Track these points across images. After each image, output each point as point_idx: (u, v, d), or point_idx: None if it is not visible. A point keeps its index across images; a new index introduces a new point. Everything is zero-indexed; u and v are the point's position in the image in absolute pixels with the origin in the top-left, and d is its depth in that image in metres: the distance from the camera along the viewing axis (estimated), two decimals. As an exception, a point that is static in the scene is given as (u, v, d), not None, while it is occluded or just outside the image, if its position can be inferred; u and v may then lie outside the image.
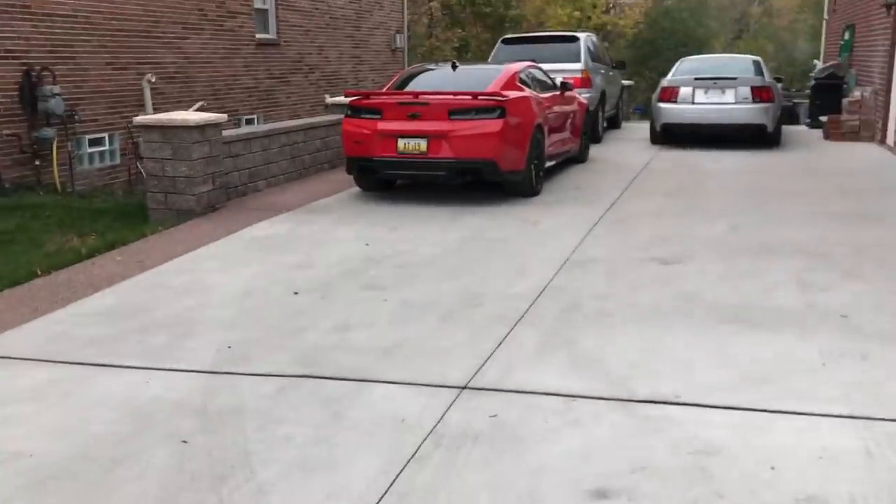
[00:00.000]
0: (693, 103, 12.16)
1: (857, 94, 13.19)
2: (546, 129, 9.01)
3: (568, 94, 10.34)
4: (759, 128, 11.98)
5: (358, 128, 8.25)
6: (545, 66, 12.03)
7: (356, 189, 9.04)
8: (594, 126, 12.58)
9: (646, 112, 34.38)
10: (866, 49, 13.96)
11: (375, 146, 8.10)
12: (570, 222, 7.21)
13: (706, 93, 12.11)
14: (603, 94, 13.68)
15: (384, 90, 8.82)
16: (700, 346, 4.22)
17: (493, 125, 7.85)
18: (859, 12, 15.15)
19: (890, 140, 12.29)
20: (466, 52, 32.05)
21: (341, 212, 7.94)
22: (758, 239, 6.41)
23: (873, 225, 6.83)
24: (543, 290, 5.24)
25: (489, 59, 13.64)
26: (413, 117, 7.98)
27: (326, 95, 16.57)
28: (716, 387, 3.69)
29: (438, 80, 8.93)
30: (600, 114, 13.54)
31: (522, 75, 9.00)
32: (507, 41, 13.70)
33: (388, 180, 8.77)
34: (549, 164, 9.41)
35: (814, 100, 15.27)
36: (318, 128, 10.47)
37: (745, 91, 11.92)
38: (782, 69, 33.59)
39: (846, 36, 15.91)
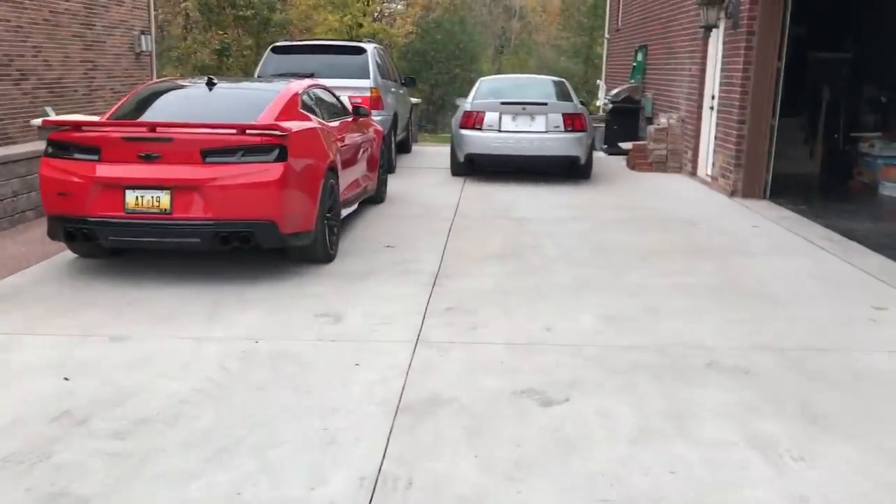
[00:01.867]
0: (500, 131, 10.51)
1: (662, 121, 12.30)
2: (340, 168, 6.81)
3: (362, 120, 8.21)
4: (573, 160, 10.58)
5: (64, 173, 5.54)
6: (326, 84, 9.84)
7: (70, 255, 6.29)
8: (388, 155, 10.57)
9: (422, 127, 33.26)
10: (667, 73, 13.20)
11: (91, 201, 5.45)
12: (387, 314, 5.06)
13: (514, 119, 10.51)
14: (395, 116, 11.70)
15: (104, 118, 6.15)
16: None
17: (269, 171, 5.51)
18: (653, 33, 14.47)
19: (702, 171, 11.44)
20: (228, 57, 28.90)
21: (37, 302, 5.20)
22: (652, 340, 4.66)
23: (782, 309, 5.35)
24: (374, 488, 3.05)
25: (256, 72, 11.16)
26: (149, 159, 5.43)
27: (47, 108, 13.14)
28: None
29: (189, 103, 6.41)
30: (393, 139, 11.55)
31: (305, 97, 6.73)
32: (277, 50, 11.29)
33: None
34: (345, 213, 7.22)
35: (610, 124, 14.37)
36: (17, 161, 7.48)
37: (557, 118, 10.47)
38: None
39: (639, 57, 15.24)
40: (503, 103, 10.55)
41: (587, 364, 4.28)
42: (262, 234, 5.58)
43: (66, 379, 4.01)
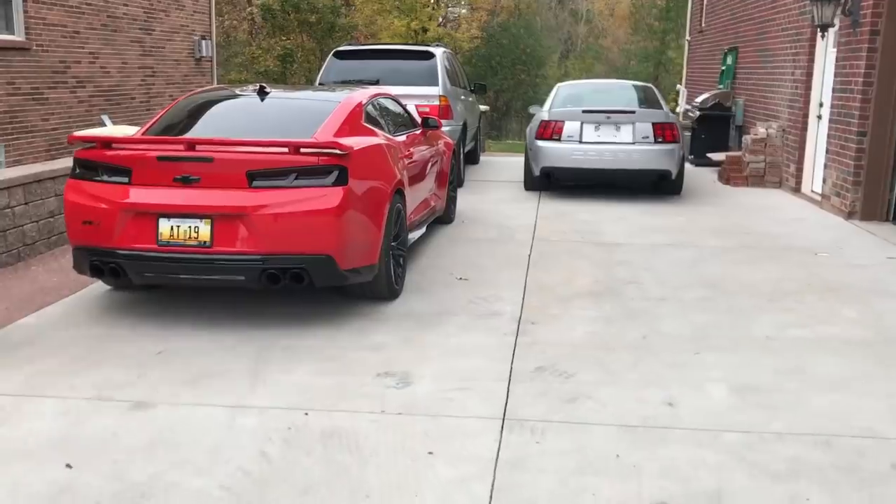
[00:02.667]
0: (581, 142, 9.49)
1: (760, 130, 11.10)
2: (407, 189, 5.93)
3: (431, 132, 7.32)
4: (663, 174, 9.51)
5: (90, 197, 4.77)
6: (392, 91, 9.01)
7: (103, 286, 5.55)
8: (458, 169, 9.67)
9: (486, 134, 32.37)
10: (763, 77, 11.98)
11: (120, 231, 4.67)
12: (464, 374, 4.14)
13: (597, 129, 9.49)
14: (464, 126, 10.80)
15: (139, 133, 5.38)
16: None
17: (327, 197, 4.65)
18: (745, 35, 13.25)
19: (807, 188, 10.22)
20: (292, 64, 28.48)
21: (51, 352, 4.43)
22: (809, 424, 3.61)
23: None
24: None
25: (317, 79, 10.39)
26: (186, 182, 4.63)
27: (103, 116, 12.66)
28: None
29: (236, 116, 5.58)
30: (462, 151, 10.65)
31: (370, 109, 5.87)
32: (340, 54, 10.49)
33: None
34: (413, 238, 6.34)
35: (697, 133, 13.19)
36: (54, 179, 6.81)
37: (646, 128, 9.41)
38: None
39: (728, 61, 14.02)
40: (585, 111, 9.54)
41: (732, 462, 3.26)
42: (318, 271, 4.71)
43: (68, 466, 3.19)
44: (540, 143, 9.64)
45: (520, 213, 8.68)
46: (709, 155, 12.46)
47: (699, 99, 13.53)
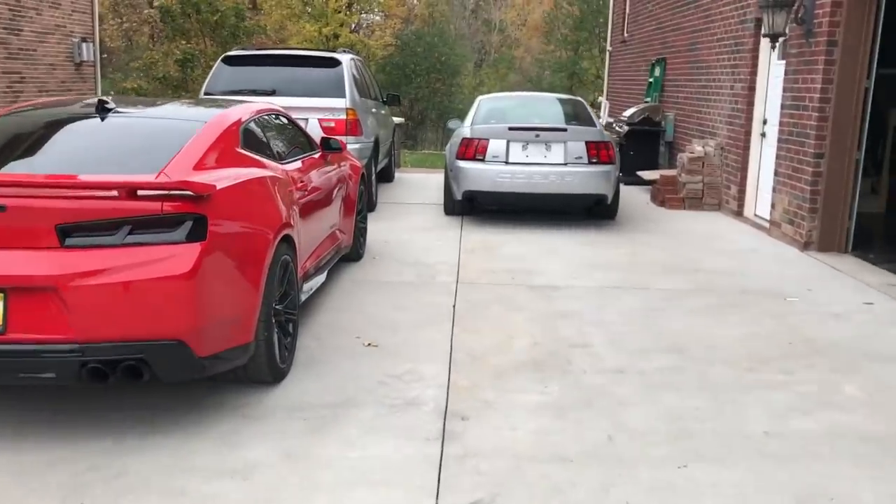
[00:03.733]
0: (508, 163, 8.37)
1: (698, 148, 10.24)
2: (300, 232, 4.66)
3: (334, 155, 6.05)
4: (599, 199, 8.48)
5: None
6: (290, 104, 7.72)
7: None
8: (368, 194, 8.44)
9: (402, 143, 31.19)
10: (697, 91, 11.16)
11: None
12: (370, 520, 2.90)
13: (525, 149, 8.39)
14: (376, 142, 9.55)
15: None
16: None
17: (175, 260, 3.33)
18: (674, 45, 12.45)
19: (749, 211, 9.39)
20: (193, 69, 26.58)
21: None
22: None
23: None
24: None
25: (202, 90, 8.96)
26: (-33, 240, 3.24)
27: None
28: None
29: (58, 143, 4.13)
30: (373, 170, 9.39)
31: (251, 129, 4.56)
32: (230, 60, 9.08)
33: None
34: (310, 290, 5.06)
35: (626, 149, 12.29)
36: None
37: (579, 148, 8.36)
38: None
39: (655, 72, 13.21)
40: (511, 129, 8.42)
41: None
42: (164, 362, 3.38)
43: None
44: (461, 163, 8.47)
45: (440, 246, 7.48)
46: (639, 173, 11.57)
47: (627, 113, 12.65)
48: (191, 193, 3.39)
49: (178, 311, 3.34)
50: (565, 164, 8.34)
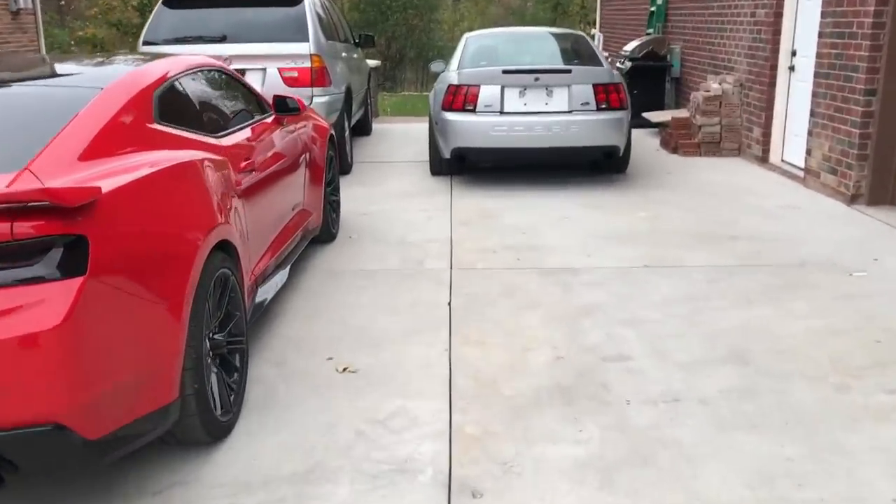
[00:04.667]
0: (503, 112, 7.19)
1: (714, 86, 9.05)
2: (245, 232, 3.53)
3: (291, 118, 4.87)
4: (610, 151, 7.35)
5: None
6: (243, 51, 6.55)
7: None
8: (339, 158, 7.28)
9: (379, 85, 29.60)
10: (709, 19, 9.91)
11: None
12: None
13: (523, 96, 7.20)
14: (348, 92, 8.31)
15: None
16: None
17: (41, 308, 2.22)
18: (679, -32, 11.12)
19: (776, 157, 8.28)
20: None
21: None
22: None
23: None
24: None
25: (140, 39, 7.63)
26: None
27: None
28: None
29: None
30: (346, 126, 8.18)
31: (173, 91, 3.39)
32: (172, 2, 7.72)
33: None
34: (266, 297, 3.96)
35: (629, 88, 11.05)
36: None
37: (586, 92, 7.18)
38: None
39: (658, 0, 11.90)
40: (506, 72, 7.20)
41: None
42: (36, 456, 2.29)
43: None
44: (449, 115, 7.28)
45: (428, 218, 6.35)
46: (646, 115, 10.39)
47: (629, 47, 11.39)
48: (57, 204, 2.25)
49: (49, 382, 2.24)
50: (570, 111, 7.17)
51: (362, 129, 10.45)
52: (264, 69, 7.24)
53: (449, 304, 4.49)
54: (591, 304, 4.46)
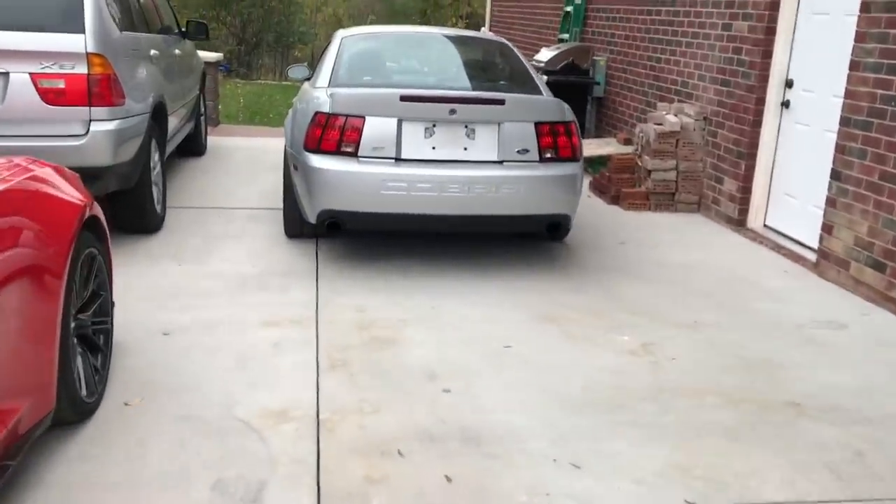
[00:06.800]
0: (399, 160, 4.62)
1: (670, 118, 6.83)
2: None
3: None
4: (556, 222, 4.91)
5: None
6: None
7: None
8: (139, 205, 4.48)
9: (232, 71, 26.06)
10: (650, 26, 7.71)
11: None
12: None
13: (431, 135, 4.66)
14: (161, 107, 5.46)
15: None
16: None
17: None
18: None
19: (757, 220, 6.18)
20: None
21: None
22: None
23: None
24: None
25: None
26: None
27: None
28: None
29: None
30: (158, 160, 5.35)
31: None
32: None
33: None
34: None
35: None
36: None
37: (524, 133, 4.73)
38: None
39: (576, -1, 9.64)
40: (406, 98, 4.61)
41: None
42: None
43: None
44: (315, 159, 4.62)
45: (276, 348, 3.70)
46: (567, 145, 8.07)
47: (542, 57, 9.05)
48: None
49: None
50: (501, 161, 4.70)
51: (192, 147, 7.59)
52: (6, 74, 4.35)
53: None
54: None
